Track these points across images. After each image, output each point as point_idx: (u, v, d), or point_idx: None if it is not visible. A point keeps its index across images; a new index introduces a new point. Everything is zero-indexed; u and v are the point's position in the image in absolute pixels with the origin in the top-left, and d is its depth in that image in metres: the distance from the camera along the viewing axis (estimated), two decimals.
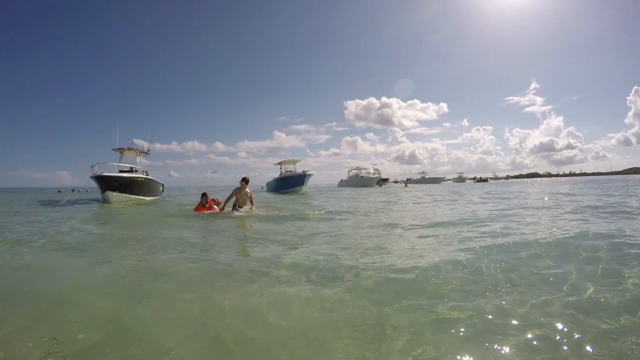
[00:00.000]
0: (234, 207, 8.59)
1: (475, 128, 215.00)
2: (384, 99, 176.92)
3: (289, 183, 28.72)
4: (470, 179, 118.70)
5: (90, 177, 15.42)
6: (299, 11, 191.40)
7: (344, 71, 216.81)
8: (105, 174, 15.18)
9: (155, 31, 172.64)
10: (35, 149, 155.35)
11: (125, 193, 15.73)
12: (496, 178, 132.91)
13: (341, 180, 61.02)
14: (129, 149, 19.50)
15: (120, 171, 17.70)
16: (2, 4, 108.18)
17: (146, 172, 20.01)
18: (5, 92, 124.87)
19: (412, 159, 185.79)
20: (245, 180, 8.72)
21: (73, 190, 49.37)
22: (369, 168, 58.16)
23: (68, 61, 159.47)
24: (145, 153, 20.81)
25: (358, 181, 52.00)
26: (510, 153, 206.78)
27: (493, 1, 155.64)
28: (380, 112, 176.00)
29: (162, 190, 22.11)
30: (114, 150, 19.52)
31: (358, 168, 56.62)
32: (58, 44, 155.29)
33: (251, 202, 8.81)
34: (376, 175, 55.03)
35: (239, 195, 8.66)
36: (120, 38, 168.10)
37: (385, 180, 75.29)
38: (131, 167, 18.53)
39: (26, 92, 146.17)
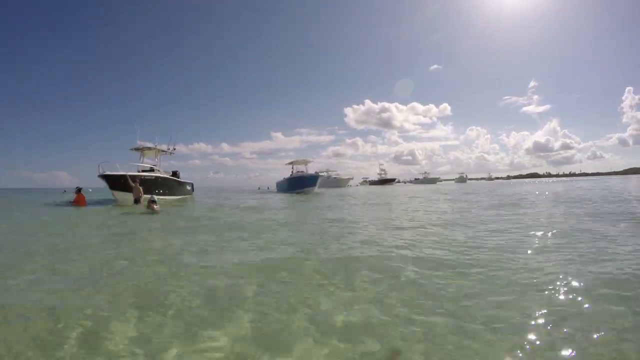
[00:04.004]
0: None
1: (470, 128, 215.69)
2: (385, 104, 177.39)
3: (300, 183, 28.79)
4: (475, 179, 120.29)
5: (98, 176, 15.40)
6: (300, 17, 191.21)
7: (346, 75, 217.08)
8: (109, 172, 15.16)
9: (163, 37, 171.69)
10: (35, 149, 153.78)
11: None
12: (489, 178, 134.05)
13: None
14: (148, 148, 19.34)
15: (140, 171, 17.69)
16: (3, 4, 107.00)
17: (175, 172, 20.12)
18: (7, 92, 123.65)
19: (411, 160, 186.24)
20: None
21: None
22: (337, 170, 65.43)
23: (71, 64, 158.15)
24: (165, 152, 20.59)
25: (331, 182, 56.05)
26: (509, 153, 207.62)
27: (493, 1, 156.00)
28: (379, 116, 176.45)
29: (192, 190, 22.10)
30: (132, 150, 19.37)
31: (328, 170, 61.59)
32: (63, 48, 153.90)
33: None
34: (348, 177, 63.13)
35: None
36: (129, 44, 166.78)
37: (392, 180, 76.16)
38: (151, 167, 18.48)
39: (28, 92, 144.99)
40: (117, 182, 15.29)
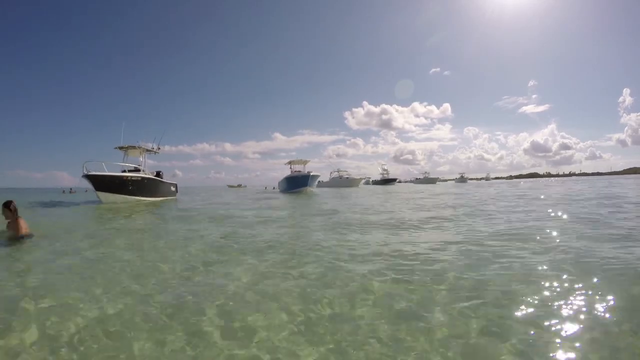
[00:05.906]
0: None
1: (467, 128, 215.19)
2: (386, 106, 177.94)
3: (294, 183, 28.90)
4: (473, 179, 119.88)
5: (82, 176, 14.83)
6: (300, 17, 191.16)
7: (346, 76, 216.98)
8: (93, 172, 14.64)
9: (163, 37, 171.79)
10: (34, 149, 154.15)
11: (119, 193, 15.20)
12: (487, 179, 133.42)
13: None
14: (133, 147, 18.70)
15: (124, 171, 17.21)
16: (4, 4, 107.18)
17: (159, 172, 19.58)
18: (7, 92, 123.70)
19: (411, 159, 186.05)
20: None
21: (71, 190, 48.68)
22: (347, 170, 62.86)
23: (71, 64, 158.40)
24: (151, 152, 19.96)
25: (343, 182, 55.13)
26: (509, 153, 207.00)
27: (494, 2, 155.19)
28: (380, 117, 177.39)
29: (176, 191, 21.36)
30: (117, 148, 18.75)
31: (339, 170, 60.38)
32: (63, 48, 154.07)
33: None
34: (360, 177, 60.51)
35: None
36: (130, 43, 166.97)
37: (394, 180, 76.30)
38: (136, 167, 17.98)
39: (28, 92, 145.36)
40: (101, 183, 14.81)
